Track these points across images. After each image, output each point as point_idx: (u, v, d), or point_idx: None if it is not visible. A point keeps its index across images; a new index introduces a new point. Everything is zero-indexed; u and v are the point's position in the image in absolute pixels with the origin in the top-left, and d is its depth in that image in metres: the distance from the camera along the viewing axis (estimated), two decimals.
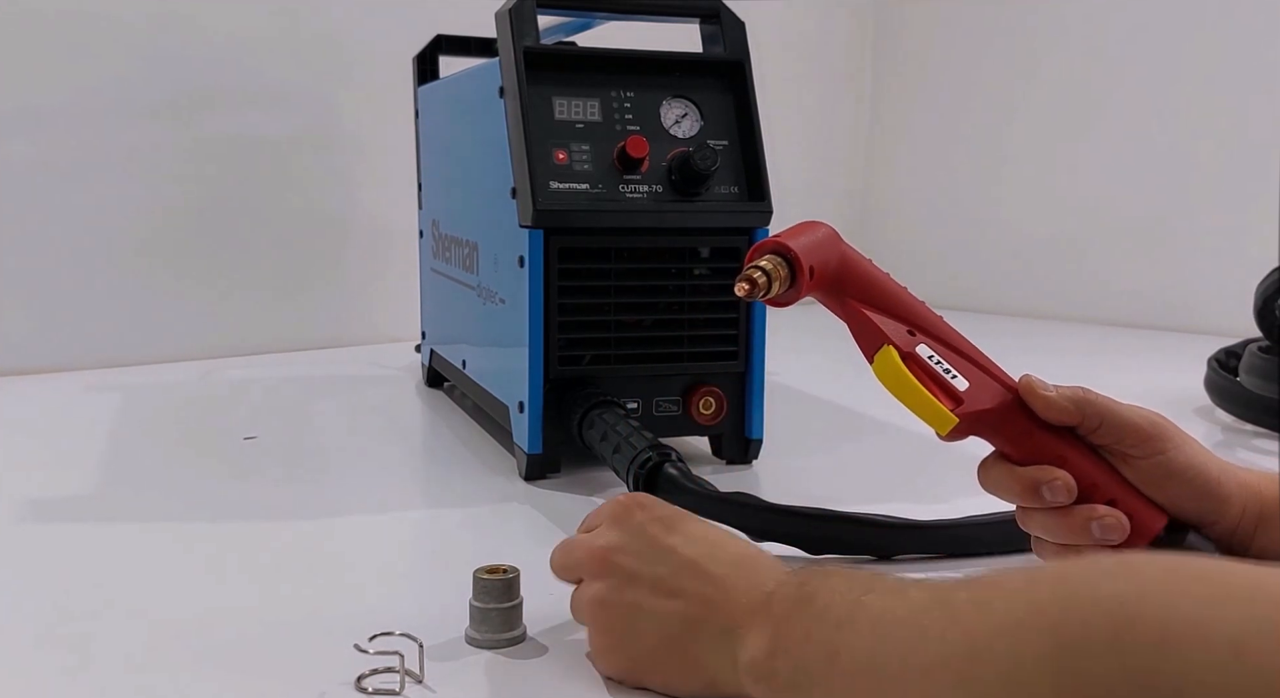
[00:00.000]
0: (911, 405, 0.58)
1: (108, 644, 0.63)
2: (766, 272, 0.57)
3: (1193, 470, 0.58)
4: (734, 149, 0.97)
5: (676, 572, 0.54)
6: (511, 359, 0.98)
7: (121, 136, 1.50)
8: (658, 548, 0.55)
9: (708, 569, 0.54)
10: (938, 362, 0.59)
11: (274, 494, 0.94)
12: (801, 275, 0.58)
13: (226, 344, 1.60)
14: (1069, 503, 0.58)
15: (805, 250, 0.58)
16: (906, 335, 0.60)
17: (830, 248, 0.60)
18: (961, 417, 0.58)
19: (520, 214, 0.93)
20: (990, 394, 0.59)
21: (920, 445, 1.08)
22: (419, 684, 0.57)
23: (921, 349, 0.59)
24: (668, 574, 0.54)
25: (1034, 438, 0.59)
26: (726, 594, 0.52)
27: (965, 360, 0.60)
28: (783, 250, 0.58)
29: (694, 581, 0.53)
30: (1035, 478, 0.58)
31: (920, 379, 0.58)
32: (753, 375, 0.99)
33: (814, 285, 0.59)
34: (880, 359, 0.59)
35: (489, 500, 0.92)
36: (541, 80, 0.94)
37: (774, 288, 0.58)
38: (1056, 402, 0.58)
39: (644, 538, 0.56)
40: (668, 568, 0.54)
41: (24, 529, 0.84)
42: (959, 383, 0.59)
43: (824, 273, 0.59)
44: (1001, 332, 1.87)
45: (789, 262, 0.58)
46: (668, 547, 0.55)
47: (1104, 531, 0.57)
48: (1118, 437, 0.58)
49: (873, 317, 0.60)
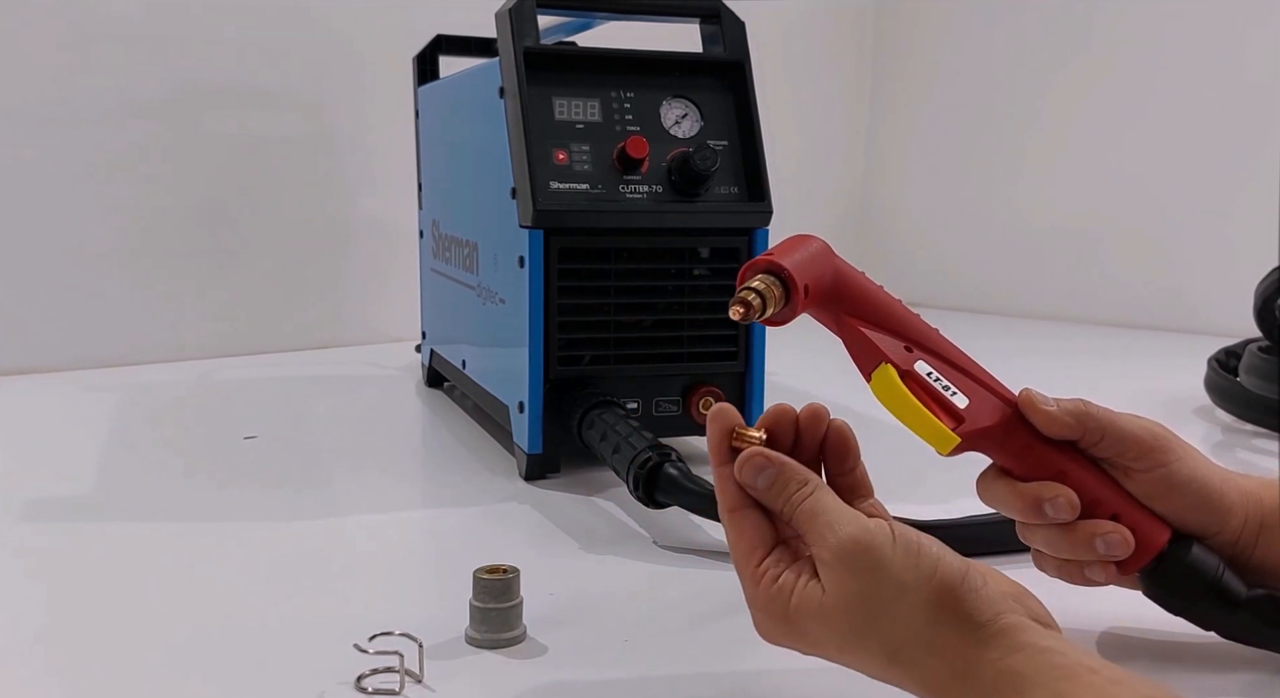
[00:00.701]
0: (912, 425, 0.57)
1: (106, 644, 0.63)
2: (760, 292, 0.55)
3: (1195, 482, 0.57)
4: (734, 149, 0.97)
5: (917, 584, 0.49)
6: (511, 359, 0.98)
7: (121, 136, 1.50)
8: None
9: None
10: (936, 378, 0.58)
11: (274, 494, 0.94)
12: (796, 294, 0.56)
13: (226, 344, 1.60)
14: (1072, 519, 0.58)
15: (799, 268, 0.56)
16: (904, 352, 0.58)
17: (824, 263, 0.58)
18: (963, 436, 0.57)
19: (520, 214, 0.93)
20: (990, 410, 0.58)
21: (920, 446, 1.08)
22: (419, 684, 0.57)
23: (920, 366, 0.58)
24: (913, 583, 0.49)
25: (1035, 453, 0.58)
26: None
27: (963, 376, 0.59)
28: (776, 269, 0.56)
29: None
30: (1037, 495, 0.58)
31: (920, 398, 0.57)
32: (753, 375, 0.99)
33: (809, 303, 0.57)
34: (878, 378, 0.58)
35: (489, 500, 0.92)
36: (541, 80, 0.94)
37: (769, 309, 0.56)
38: (1058, 417, 0.57)
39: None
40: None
41: (24, 529, 0.84)
42: (959, 400, 0.58)
43: (819, 289, 0.57)
44: (1001, 332, 1.88)
45: (783, 281, 0.56)
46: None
47: (1108, 547, 0.57)
48: (1119, 450, 0.57)
49: (869, 334, 0.58)
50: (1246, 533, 0.58)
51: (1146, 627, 0.64)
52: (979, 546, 0.76)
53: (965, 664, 0.47)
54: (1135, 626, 0.65)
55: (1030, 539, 0.61)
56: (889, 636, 0.49)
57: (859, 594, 0.49)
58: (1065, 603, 0.65)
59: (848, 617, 0.49)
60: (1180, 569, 0.57)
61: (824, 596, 0.50)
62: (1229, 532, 0.58)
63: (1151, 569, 0.58)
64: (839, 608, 0.50)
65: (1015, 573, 0.54)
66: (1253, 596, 0.57)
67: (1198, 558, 0.57)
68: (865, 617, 0.49)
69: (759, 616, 0.53)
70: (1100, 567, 0.58)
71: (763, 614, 0.53)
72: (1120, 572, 0.59)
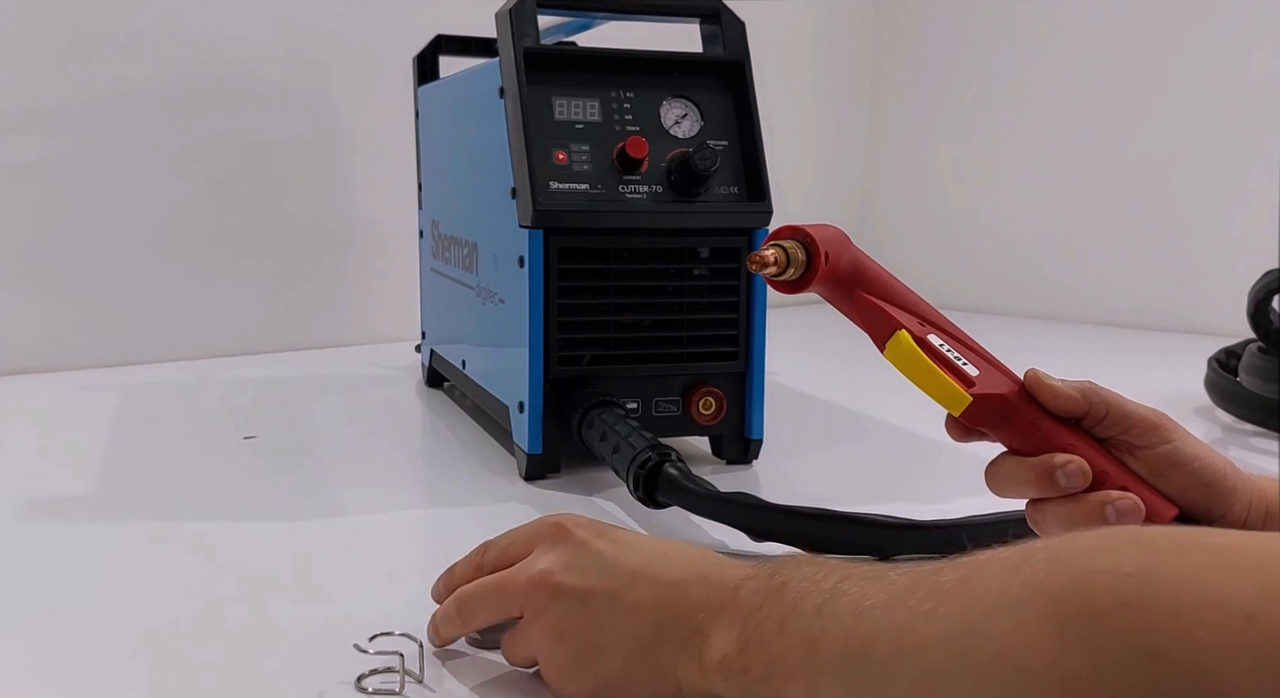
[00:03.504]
0: (926, 386, 0.59)
1: (106, 645, 0.63)
2: (786, 250, 0.59)
3: (1199, 460, 0.58)
4: (734, 149, 0.97)
5: (631, 583, 0.52)
6: (511, 359, 0.98)
7: (121, 136, 1.50)
8: (605, 562, 0.53)
9: (663, 575, 0.52)
10: (948, 349, 0.60)
11: (273, 494, 0.94)
12: (817, 260, 0.59)
13: (226, 344, 1.60)
14: (1084, 488, 0.58)
15: (822, 240, 0.60)
16: (918, 325, 0.61)
17: (843, 246, 0.62)
18: (975, 397, 0.58)
19: (520, 214, 0.93)
20: (999, 383, 0.60)
21: (920, 446, 1.08)
22: (419, 684, 0.57)
23: (933, 338, 0.61)
24: (623, 587, 0.52)
25: (1042, 430, 0.59)
26: (687, 595, 0.50)
27: (973, 354, 0.61)
28: (801, 236, 0.60)
29: (650, 588, 0.51)
30: (1049, 464, 0.58)
31: (934, 362, 0.59)
32: (752, 376, 0.99)
33: (827, 274, 0.60)
34: (894, 343, 0.60)
35: (489, 500, 0.92)
36: (541, 80, 0.94)
37: (790, 270, 0.59)
38: (1063, 392, 0.59)
39: (588, 553, 0.54)
40: (622, 580, 0.52)
41: (24, 529, 0.84)
42: (970, 369, 0.60)
43: (836, 263, 0.61)
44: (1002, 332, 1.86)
45: (806, 247, 0.60)
46: (614, 559, 0.53)
47: (1120, 514, 0.57)
48: (1124, 427, 0.58)
49: (884, 305, 0.61)
50: (1252, 519, 0.59)
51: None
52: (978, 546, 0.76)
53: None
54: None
55: (1040, 521, 0.61)
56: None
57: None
58: None
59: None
60: None
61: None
62: (1233, 516, 0.58)
63: None
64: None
65: None
66: None
67: None
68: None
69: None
70: None
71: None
72: None
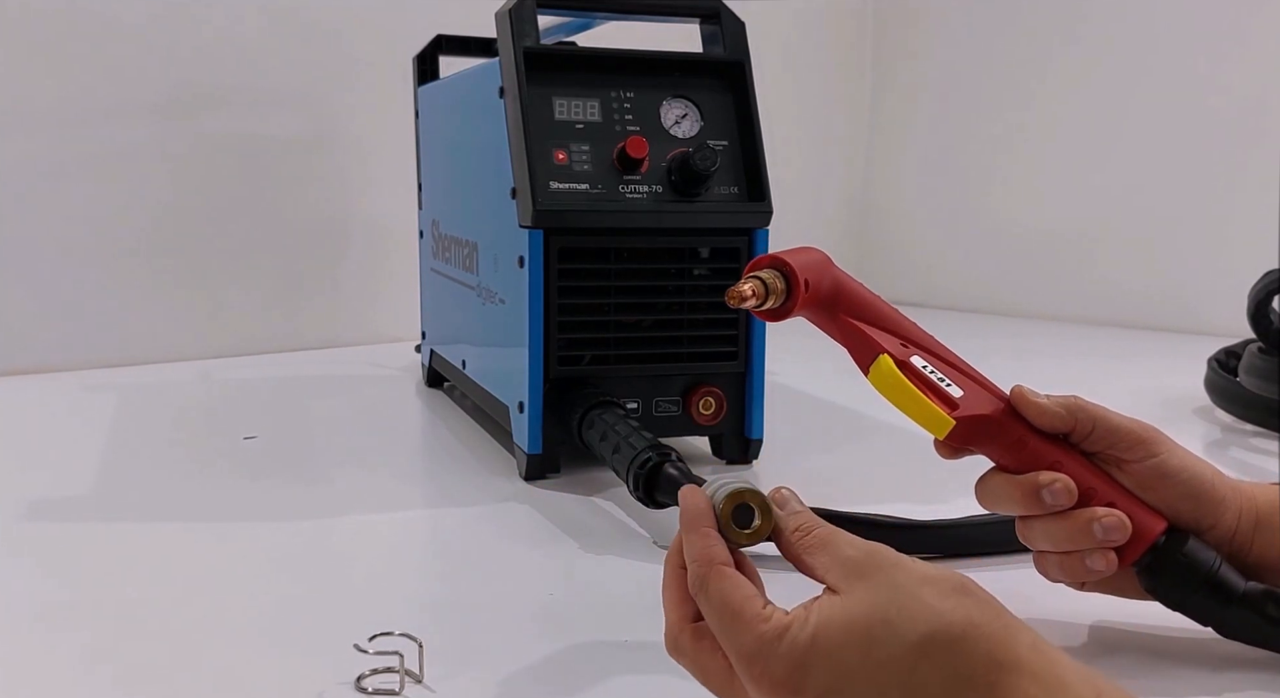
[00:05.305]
0: (909, 411, 0.59)
1: (106, 645, 0.63)
2: (764, 282, 0.60)
3: (1186, 472, 0.58)
4: (734, 149, 0.97)
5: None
6: (511, 359, 0.98)
7: (120, 136, 1.50)
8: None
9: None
10: (931, 371, 0.61)
11: (273, 494, 0.94)
12: (797, 288, 0.60)
13: (226, 344, 1.60)
14: (1070, 506, 0.58)
15: (800, 267, 0.61)
16: (900, 347, 0.61)
17: (824, 270, 0.62)
18: (958, 420, 0.58)
19: (520, 214, 0.93)
20: (984, 402, 0.60)
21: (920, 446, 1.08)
22: (419, 684, 0.57)
23: (915, 360, 0.61)
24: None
25: (1029, 447, 0.59)
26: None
27: (958, 373, 0.61)
28: (779, 265, 0.61)
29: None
30: (1035, 482, 0.58)
31: (916, 385, 0.59)
32: (753, 375, 0.99)
33: (808, 300, 0.61)
34: (877, 368, 0.60)
35: (489, 500, 0.92)
36: (541, 80, 0.94)
37: (770, 300, 0.60)
38: (1049, 408, 0.59)
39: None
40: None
41: (24, 529, 0.84)
42: (954, 391, 0.60)
43: (817, 289, 0.61)
44: (1001, 332, 1.88)
45: (785, 276, 0.60)
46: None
47: (1106, 531, 0.57)
48: (1110, 441, 0.58)
49: (866, 329, 0.62)
50: (1242, 529, 0.59)
51: (1143, 623, 0.64)
52: (978, 546, 0.76)
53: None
54: (1131, 623, 0.65)
55: (1029, 537, 0.61)
56: (920, 620, 0.44)
57: (886, 584, 0.45)
58: (1062, 602, 0.65)
59: (875, 610, 0.45)
60: (1177, 560, 0.58)
61: (845, 600, 0.46)
62: (1224, 526, 0.59)
63: (1149, 561, 0.58)
64: (865, 604, 0.45)
65: (1015, 574, 0.54)
66: (1250, 590, 0.57)
67: (1194, 550, 0.58)
68: (894, 605, 0.45)
69: (765, 662, 0.46)
70: (1100, 554, 0.58)
71: (771, 658, 0.46)
72: (1119, 562, 0.59)
